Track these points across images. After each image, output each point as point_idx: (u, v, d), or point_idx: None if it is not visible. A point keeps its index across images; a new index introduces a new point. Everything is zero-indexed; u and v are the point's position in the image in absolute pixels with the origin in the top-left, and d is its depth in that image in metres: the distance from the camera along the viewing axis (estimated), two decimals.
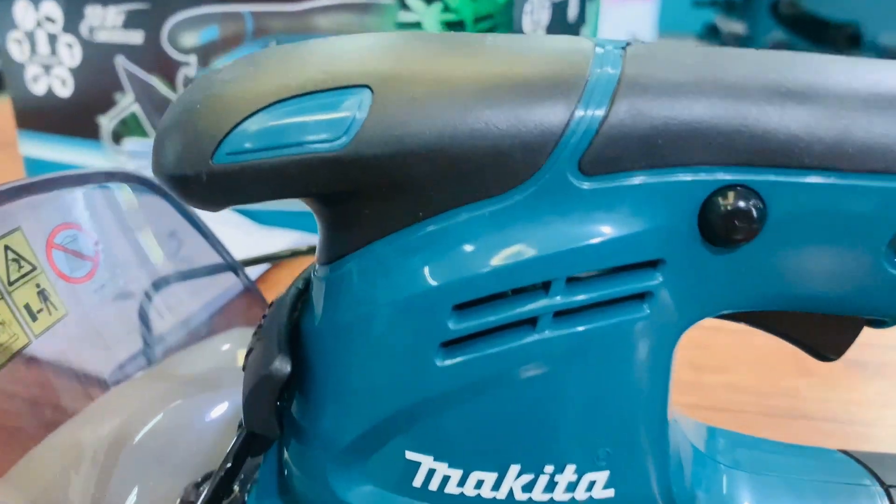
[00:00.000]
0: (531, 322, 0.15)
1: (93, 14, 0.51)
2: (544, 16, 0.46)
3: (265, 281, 0.41)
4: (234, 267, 0.29)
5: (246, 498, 0.21)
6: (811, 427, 0.33)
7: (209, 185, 0.15)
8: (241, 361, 0.29)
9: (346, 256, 0.16)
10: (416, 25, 0.42)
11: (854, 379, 0.37)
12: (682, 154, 0.15)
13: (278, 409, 0.17)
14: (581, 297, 0.15)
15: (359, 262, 0.16)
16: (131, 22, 0.50)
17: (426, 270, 0.15)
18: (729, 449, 0.20)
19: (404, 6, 0.43)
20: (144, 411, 0.25)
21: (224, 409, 0.24)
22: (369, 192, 0.15)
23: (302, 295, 0.19)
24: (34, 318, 0.22)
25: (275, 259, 0.37)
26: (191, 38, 0.49)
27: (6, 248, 0.22)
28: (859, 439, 0.33)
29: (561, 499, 0.16)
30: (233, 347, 0.29)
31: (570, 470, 0.16)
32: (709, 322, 0.18)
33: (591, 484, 0.16)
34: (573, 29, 0.53)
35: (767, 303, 0.16)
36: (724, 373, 0.38)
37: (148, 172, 0.26)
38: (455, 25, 0.42)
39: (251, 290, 0.29)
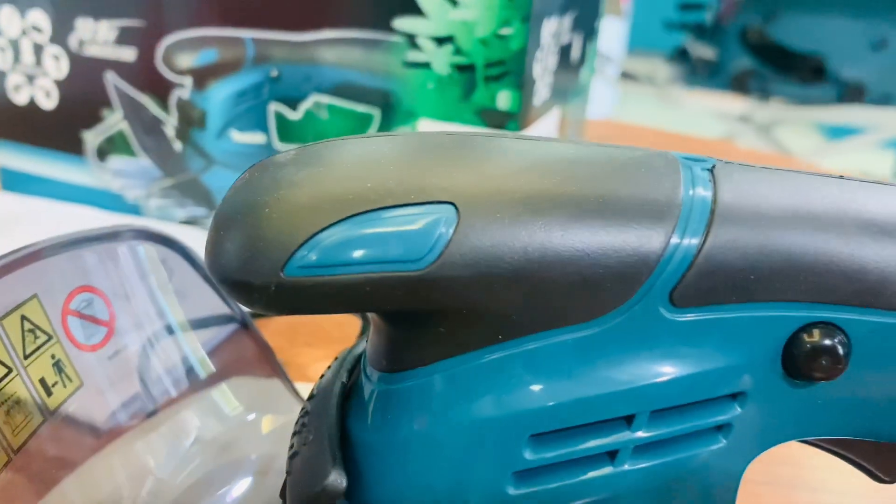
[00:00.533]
0: (609, 455, 0.15)
1: (83, 27, 0.49)
2: (552, 60, 0.45)
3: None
4: (245, 321, 0.28)
5: None
6: (813, 500, 0.34)
7: (276, 296, 0.14)
8: (250, 421, 0.28)
9: (413, 370, 0.16)
10: (426, 66, 0.42)
11: None
12: (773, 290, 0.14)
13: None
14: (664, 431, 0.15)
15: (429, 379, 0.15)
16: (124, 38, 0.48)
17: (504, 395, 0.15)
18: None
19: (414, 46, 0.42)
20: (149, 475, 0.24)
21: (247, 486, 0.23)
22: (450, 312, 0.15)
23: (348, 392, 0.18)
24: (49, 394, 0.21)
25: None
26: (187, 60, 0.47)
27: (22, 318, 0.20)
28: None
29: None
30: (241, 408, 0.28)
31: None
32: None
33: None
34: (575, 69, 0.53)
35: (843, 433, 0.16)
36: None
37: (161, 226, 0.25)
38: (465, 69, 0.41)
39: (249, 328, 0.28)
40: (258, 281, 0.14)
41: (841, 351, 0.15)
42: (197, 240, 0.36)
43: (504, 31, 0.40)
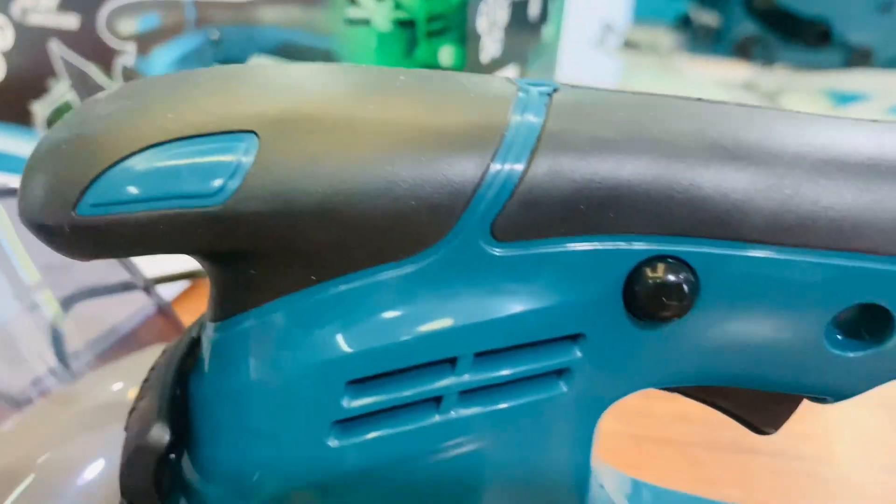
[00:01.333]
0: (435, 401, 0.14)
1: None
2: (502, 15, 0.44)
3: (182, 301, 0.38)
4: (146, 286, 0.27)
5: None
6: (757, 462, 0.33)
7: (73, 238, 0.13)
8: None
9: (234, 317, 0.14)
10: (366, 22, 0.40)
11: (804, 412, 0.36)
12: (608, 221, 0.13)
13: (159, 481, 0.16)
14: (490, 376, 0.14)
15: (246, 326, 0.14)
16: (66, 5, 0.47)
17: (317, 341, 0.14)
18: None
19: (354, 2, 0.40)
20: (49, 444, 0.23)
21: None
22: (255, 252, 0.13)
23: (195, 347, 0.17)
24: None
25: (194, 276, 0.34)
26: (129, 26, 0.46)
27: None
28: (806, 476, 0.32)
29: None
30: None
31: None
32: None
33: None
34: (535, 28, 0.51)
35: (699, 379, 0.15)
36: (674, 401, 0.36)
37: None
38: (406, 24, 0.39)
39: (165, 312, 0.27)
40: (53, 222, 0.13)
41: (686, 287, 0.13)
42: None
43: None
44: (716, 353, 0.14)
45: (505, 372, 0.14)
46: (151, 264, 0.29)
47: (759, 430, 0.16)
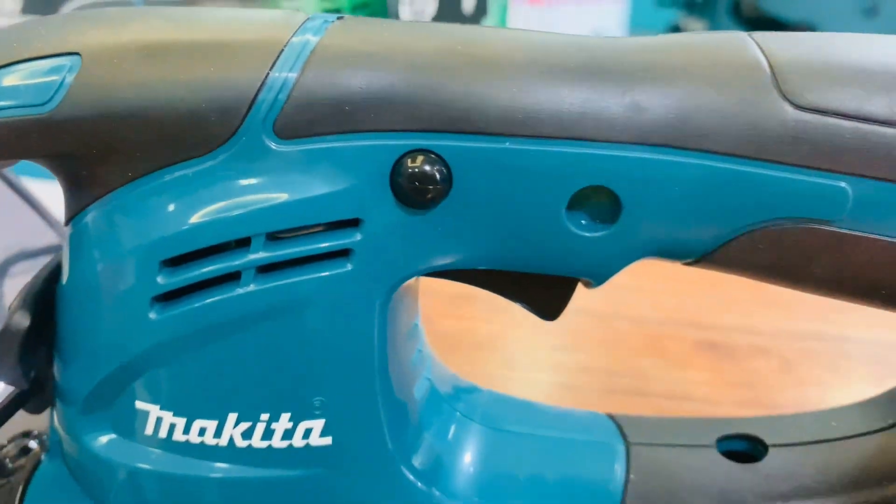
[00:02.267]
0: (236, 277, 0.16)
1: None
2: (429, 6, 0.47)
3: None
4: None
5: (42, 457, 0.22)
6: (650, 404, 0.35)
7: None
8: None
9: (76, 217, 0.17)
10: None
11: (702, 360, 0.38)
12: (369, 120, 0.16)
13: (27, 360, 0.18)
14: (282, 253, 0.16)
15: (80, 223, 0.17)
16: (28, 9, 0.50)
17: (134, 229, 0.16)
18: (478, 404, 0.21)
19: None
20: None
21: None
22: (81, 154, 0.16)
23: None
24: None
25: None
26: None
27: None
28: (696, 415, 0.34)
29: (279, 445, 0.18)
30: None
31: (286, 418, 0.17)
32: (570, 304, 0.19)
33: (308, 431, 0.18)
34: (471, 20, 0.54)
35: (467, 262, 0.17)
36: (578, 352, 0.39)
37: None
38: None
39: None
40: None
41: (438, 175, 0.16)
42: None
43: None
44: (475, 236, 0.17)
45: (294, 250, 0.16)
46: None
47: (543, 316, 0.19)
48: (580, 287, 0.19)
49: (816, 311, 0.43)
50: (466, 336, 0.40)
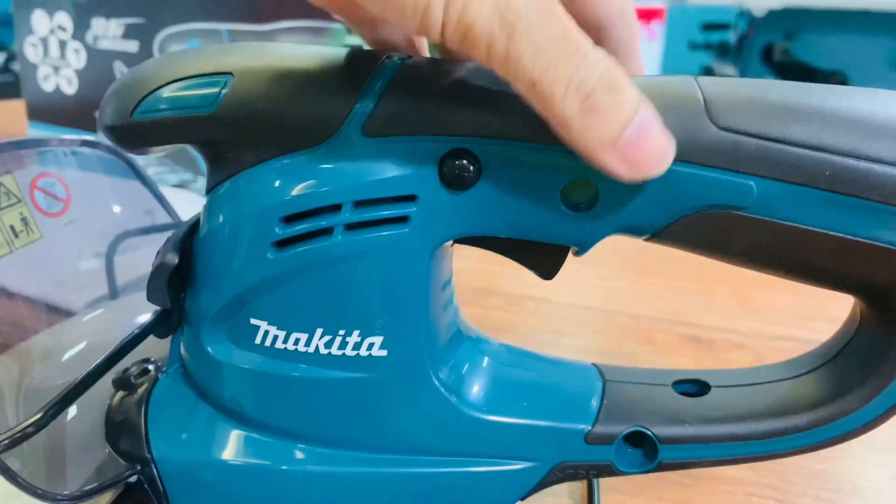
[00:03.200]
0: (329, 232, 0.24)
1: (97, 25, 0.60)
2: None
3: None
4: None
5: (159, 376, 0.29)
6: None
7: (129, 132, 0.24)
8: None
9: (216, 187, 0.25)
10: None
11: (685, 350, 0.45)
12: (425, 127, 0.23)
13: (171, 290, 0.26)
14: (362, 216, 0.24)
15: (221, 190, 0.25)
16: (129, 33, 0.59)
17: (262, 195, 0.24)
18: (492, 346, 0.28)
19: (349, 31, 0.51)
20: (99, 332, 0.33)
21: None
22: (229, 142, 0.24)
23: None
24: (16, 236, 0.30)
25: None
26: (178, 48, 0.58)
27: (0, 184, 0.30)
28: None
29: (350, 354, 0.25)
30: None
31: (356, 334, 0.25)
32: (577, 301, 0.25)
33: (371, 345, 0.25)
34: None
35: (490, 231, 0.24)
36: (579, 338, 0.46)
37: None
38: None
39: None
40: (118, 123, 0.24)
41: (472, 168, 0.23)
42: (186, 201, 0.45)
43: None
44: (496, 212, 0.24)
45: (371, 215, 0.24)
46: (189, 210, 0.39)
47: (543, 276, 0.26)
48: (587, 286, 0.26)
49: (793, 320, 0.50)
50: (486, 321, 0.47)
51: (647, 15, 2.10)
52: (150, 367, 0.31)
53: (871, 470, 0.35)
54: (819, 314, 0.49)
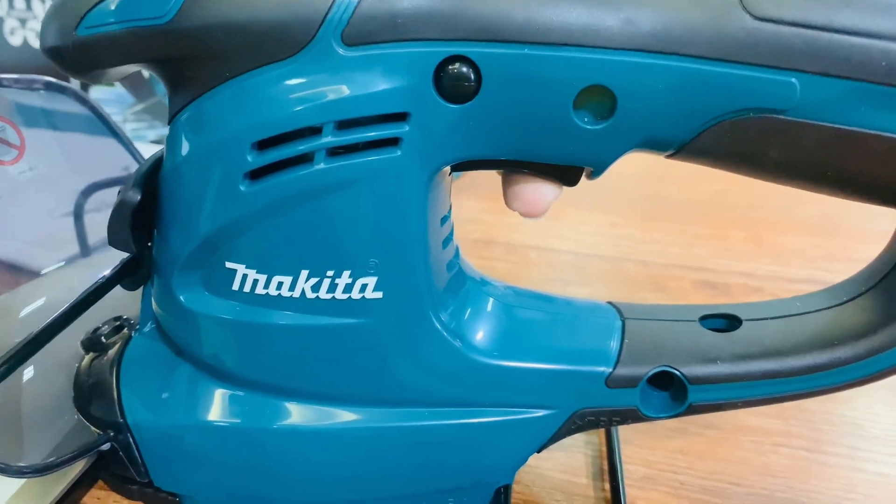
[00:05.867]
0: (310, 158, 0.21)
1: None
2: None
3: None
4: None
5: (133, 334, 0.27)
6: None
7: (75, 52, 0.21)
8: None
9: (178, 113, 0.22)
10: None
11: (699, 296, 0.42)
12: (415, 31, 0.20)
13: (136, 235, 0.23)
14: (346, 139, 0.21)
15: (184, 116, 0.21)
16: None
17: (230, 118, 0.21)
18: (498, 287, 0.25)
19: None
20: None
21: None
22: (190, 58, 0.21)
23: None
24: None
25: None
26: None
27: None
28: None
29: (340, 297, 0.22)
30: None
31: (346, 274, 0.22)
32: (583, 250, 0.22)
33: (364, 286, 0.22)
34: None
35: (494, 152, 0.21)
36: (586, 287, 0.43)
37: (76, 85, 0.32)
38: None
39: None
40: (62, 42, 0.21)
41: (472, 76, 0.20)
42: None
43: None
44: (500, 129, 0.21)
45: (356, 136, 0.21)
46: None
47: (566, 183, 0.23)
48: (592, 234, 0.23)
49: (813, 262, 0.47)
50: (488, 273, 0.44)
51: None
52: (124, 325, 0.28)
53: None
54: (841, 255, 0.46)
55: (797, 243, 0.49)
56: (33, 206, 0.32)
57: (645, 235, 0.50)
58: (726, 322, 0.25)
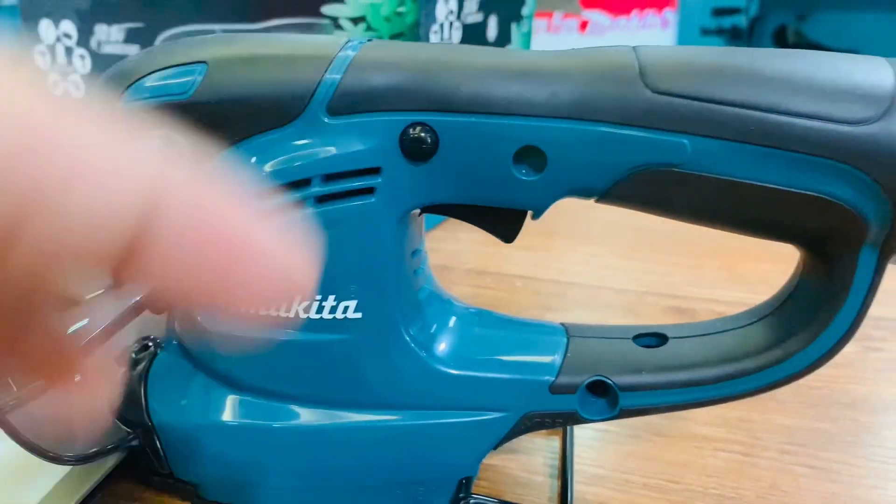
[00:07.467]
0: (302, 204, 0.26)
1: (100, 31, 0.63)
2: (455, 35, 0.56)
3: None
4: None
5: (158, 351, 0.32)
6: None
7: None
8: None
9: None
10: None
11: (669, 319, 0.46)
12: (387, 103, 0.25)
13: None
14: (331, 189, 0.26)
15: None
16: (130, 37, 0.61)
17: (242, 170, 0.26)
18: (463, 308, 0.30)
19: (338, 26, 0.54)
20: None
21: None
22: (207, 126, 0.26)
23: None
24: None
25: None
26: None
27: None
28: None
29: (327, 317, 0.27)
30: None
31: (332, 298, 0.27)
32: (565, 279, 0.26)
33: (346, 308, 0.27)
34: (496, 46, 0.63)
35: (451, 199, 0.26)
36: (565, 312, 0.47)
37: None
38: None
39: None
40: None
41: (430, 140, 0.25)
42: None
43: (400, 9, 0.51)
44: (455, 180, 0.26)
45: (339, 187, 0.26)
46: None
47: (504, 239, 0.28)
48: (576, 264, 0.28)
49: (775, 288, 0.51)
50: (477, 300, 0.48)
51: (659, 3, 2.09)
52: (150, 344, 0.33)
53: (834, 426, 0.36)
54: None
55: (767, 271, 0.53)
56: None
57: (624, 264, 0.55)
58: (656, 339, 0.29)
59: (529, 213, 0.27)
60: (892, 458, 0.33)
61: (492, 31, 0.63)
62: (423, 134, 0.25)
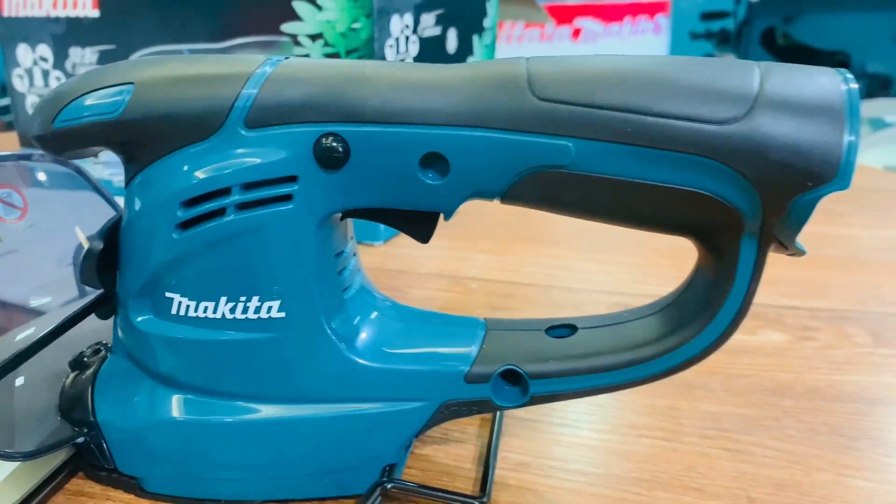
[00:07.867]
0: (223, 212, 0.28)
1: (74, 54, 0.65)
2: (413, 49, 0.58)
3: None
4: None
5: (108, 355, 0.34)
6: None
7: (53, 139, 0.28)
8: None
9: (131, 180, 0.29)
10: (306, 56, 0.55)
11: None
12: (300, 115, 0.27)
13: (105, 275, 0.30)
14: (250, 197, 0.28)
15: (135, 183, 0.29)
16: (103, 59, 0.64)
17: (165, 183, 0.28)
18: (387, 305, 0.32)
19: (297, 43, 0.56)
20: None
21: None
22: (135, 141, 0.28)
23: None
24: None
25: None
26: None
27: None
28: None
29: (252, 317, 0.29)
30: None
31: (256, 299, 0.29)
32: (518, 279, 0.28)
33: (270, 308, 0.29)
34: (456, 59, 0.66)
35: (365, 203, 0.28)
36: (511, 312, 0.49)
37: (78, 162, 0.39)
38: (333, 56, 0.54)
39: None
40: (42, 132, 0.28)
41: (341, 148, 0.27)
42: None
43: (355, 25, 0.54)
44: (367, 186, 0.28)
45: (258, 195, 0.28)
46: None
47: (419, 240, 0.30)
48: (532, 265, 0.29)
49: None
50: (431, 303, 0.50)
51: (651, 9, 2.11)
52: (102, 349, 0.35)
53: (756, 412, 0.38)
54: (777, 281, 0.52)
55: None
56: (36, 257, 0.39)
57: (579, 265, 0.56)
58: (567, 330, 0.31)
59: (441, 214, 0.29)
60: (804, 440, 0.35)
61: (451, 44, 0.65)
62: (334, 143, 0.27)
